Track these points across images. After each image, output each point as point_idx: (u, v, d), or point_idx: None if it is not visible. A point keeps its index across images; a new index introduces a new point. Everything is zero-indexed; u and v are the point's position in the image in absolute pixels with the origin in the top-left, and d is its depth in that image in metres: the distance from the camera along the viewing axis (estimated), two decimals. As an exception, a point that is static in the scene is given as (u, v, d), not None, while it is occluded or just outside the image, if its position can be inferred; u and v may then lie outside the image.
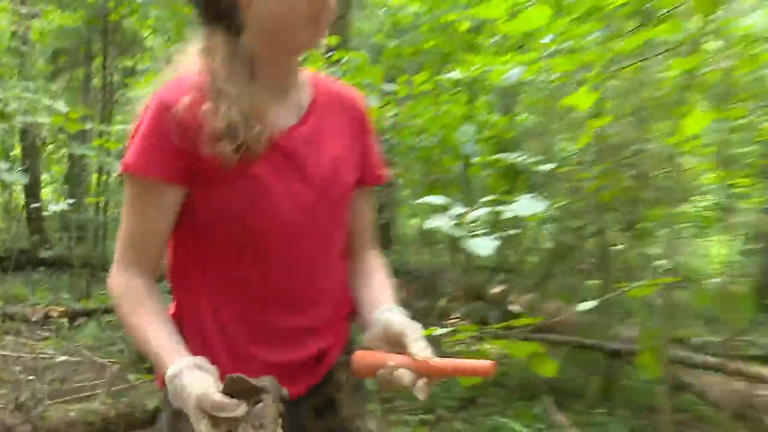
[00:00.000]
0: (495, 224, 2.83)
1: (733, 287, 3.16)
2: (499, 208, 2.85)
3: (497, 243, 2.62)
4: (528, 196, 3.15)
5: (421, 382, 1.06)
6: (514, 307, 5.41)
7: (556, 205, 4.21)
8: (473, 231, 2.88)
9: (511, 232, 3.08)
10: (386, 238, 10.89)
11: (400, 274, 8.72)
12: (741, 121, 4.60)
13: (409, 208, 9.63)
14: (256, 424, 0.96)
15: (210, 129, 1.11)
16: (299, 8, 1.15)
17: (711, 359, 3.76)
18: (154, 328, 1.12)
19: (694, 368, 3.83)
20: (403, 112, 4.45)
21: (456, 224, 2.84)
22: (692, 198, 5.46)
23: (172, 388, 1.04)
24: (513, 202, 2.90)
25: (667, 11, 2.90)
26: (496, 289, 5.87)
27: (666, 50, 3.11)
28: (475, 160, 3.96)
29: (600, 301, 2.91)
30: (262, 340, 1.23)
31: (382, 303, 1.23)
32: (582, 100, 2.50)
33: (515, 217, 2.79)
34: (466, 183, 5.18)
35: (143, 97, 1.21)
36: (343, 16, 5.69)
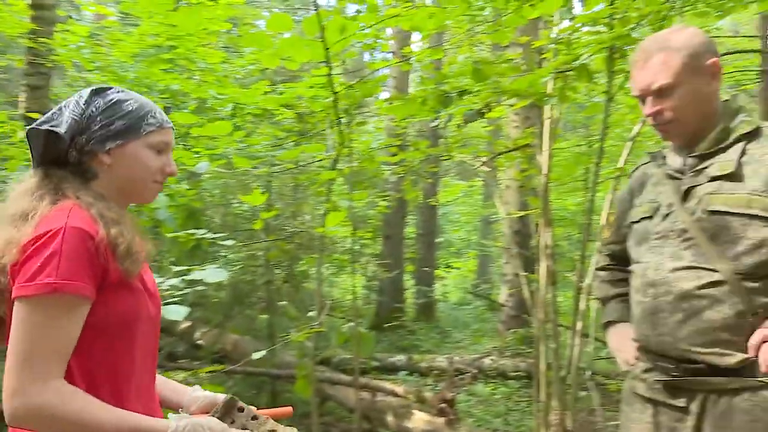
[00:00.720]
0: (187, 286, 2.78)
1: (359, 329, 3.52)
2: (189, 277, 2.81)
3: (188, 310, 2.57)
4: (213, 266, 3.14)
5: None
6: (200, 341, 5.21)
7: (235, 267, 4.24)
8: (168, 298, 2.78)
9: (199, 288, 3.05)
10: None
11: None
12: (369, 198, 5.16)
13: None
14: (251, 420, 1.20)
15: (121, 250, 1.10)
16: (154, 174, 1.20)
17: (345, 377, 4.08)
18: (120, 414, 1.06)
19: (335, 384, 4.12)
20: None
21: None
22: (333, 247, 5.92)
23: None
24: (202, 269, 2.88)
25: (319, 131, 3.19)
26: (184, 325, 5.57)
27: (318, 159, 3.39)
28: (169, 227, 3.80)
29: (268, 350, 3.02)
30: None
31: (175, 385, 1.37)
32: (256, 198, 2.60)
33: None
34: (159, 242, 4.93)
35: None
36: (42, 88, 5.00)
